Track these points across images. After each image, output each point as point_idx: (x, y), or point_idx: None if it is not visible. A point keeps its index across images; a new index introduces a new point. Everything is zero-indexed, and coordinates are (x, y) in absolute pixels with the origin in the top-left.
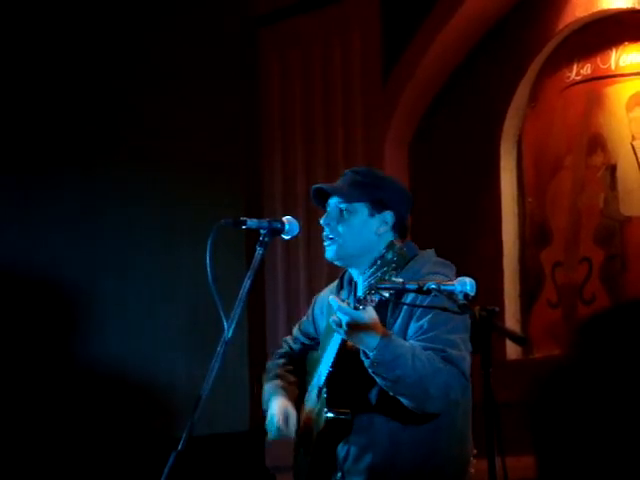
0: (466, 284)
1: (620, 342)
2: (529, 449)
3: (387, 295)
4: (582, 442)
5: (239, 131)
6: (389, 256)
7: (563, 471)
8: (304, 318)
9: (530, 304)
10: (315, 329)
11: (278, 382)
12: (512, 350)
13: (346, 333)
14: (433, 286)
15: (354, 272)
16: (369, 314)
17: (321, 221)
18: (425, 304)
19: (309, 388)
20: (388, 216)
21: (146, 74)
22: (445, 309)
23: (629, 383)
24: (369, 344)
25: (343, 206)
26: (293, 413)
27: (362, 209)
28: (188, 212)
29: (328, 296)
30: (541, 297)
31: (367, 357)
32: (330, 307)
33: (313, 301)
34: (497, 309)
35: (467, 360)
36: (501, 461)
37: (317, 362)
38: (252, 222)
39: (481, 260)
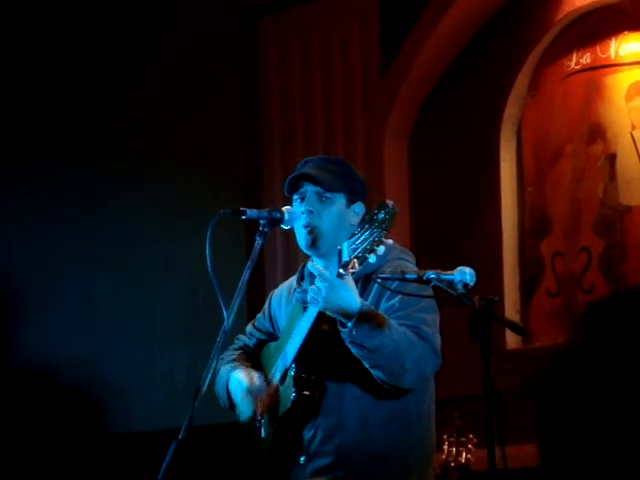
0: (466, 274)
1: (622, 329)
2: (529, 438)
3: (373, 260)
4: (585, 428)
5: (238, 121)
6: (381, 216)
7: (566, 457)
8: (259, 315)
9: (530, 294)
10: (272, 324)
11: (235, 364)
12: (512, 339)
13: (325, 301)
14: (433, 276)
15: (320, 263)
16: (349, 282)
17: (301, 208)
18: (393, 287)
19: (271, 371)
20: (359, 208)
21: (145, 63)
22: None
23: (631, 369)
24: (348, 311)
25: (325, 194)
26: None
27: (340, 199)
28: (187, 202)
29: (285, 291)
30: (541, 287)
31: (344, 327)
32: (287, 300)
33: (269, 298)
34: (497, 298)
35: (439, 338)
36: (501, 450)
37: (278, 349)
38: (252, 212)
39: (481, 250)
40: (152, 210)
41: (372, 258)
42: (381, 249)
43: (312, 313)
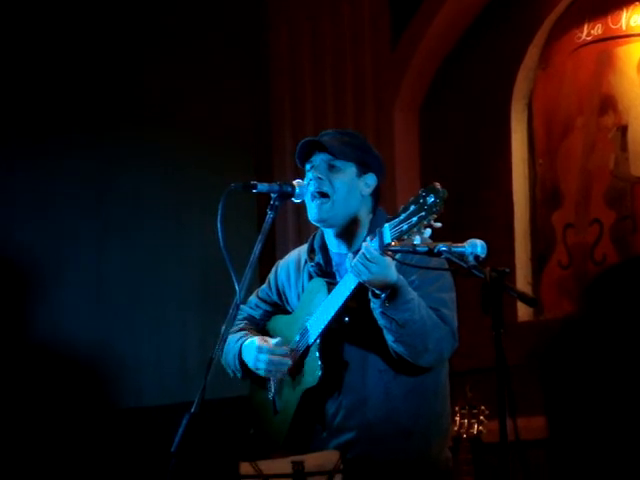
0: (477, 246)
1: (628, 296)
2: (540, 410)
3: (419, 242)
4: (591, 396)
5: (249, 98)
6: (430, 199)
7: (573, 425)
8: (263, 286)
9: (541, 266)
10: (279, 295)
11: (243, 332)
12: (523, 312)
13: (366, 275)
14: (444, 248)
15: (329, 233)
16: (389, 259)
17: (309, 175)
18: (414, 262)
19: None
20: (371, 179)
21: (156, 40)
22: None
23: (637, 335)
24: (386, 283)
25: (334, 162)
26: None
27: (351, 168)
28: (198, 179)
29: (293, 263)
30: (552, 259)
31: (377, 297)
32: (296, 272)
33: (275, 268)
34: (508, 270)
35: (456, 319)
36: (512, 422)
37: (291, 323)
38: (262, 186)
39: (492, 222)
40: (163, 187)
41: (417, 240)
42: (428, 232)
43: (346, 290)
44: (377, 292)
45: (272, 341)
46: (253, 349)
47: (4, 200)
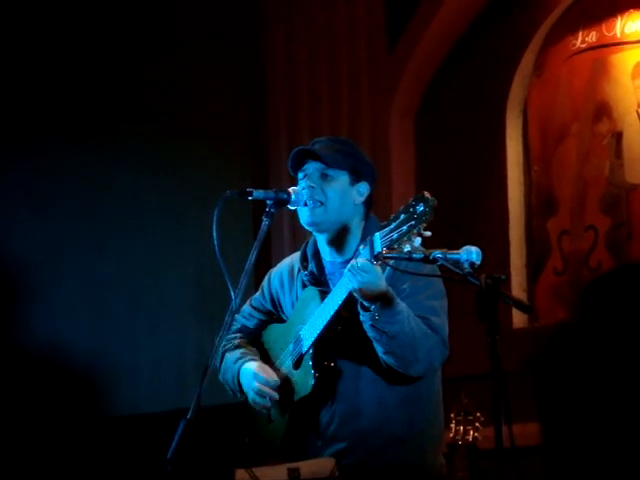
0: (472, 253)
1: (623, 303)
2: (535, 416)
3: (408, 249)
4: (585, 403)
5: (245, 103)
6: (420, 208)
7: (567, 432)
8: (256, 295)
9: (536, 272)
10: (273, 304)
11: (242, 351)
12: (518, 319)
13: (357, 284)
14: (439, 255)
15: (322, 241)
16: (379, 268)
17: (302, 183)
18: (409, 269)
19: (280, 356)
20: (363, 187)
21: (156, 41)
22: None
23: (631, 341)
24: (375, 294)
25: (327, 171)
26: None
27: (343, 176)
28: (195, 185)
29: (286, 271)
30: (547, 265)
31: (366, 310)
32: (290, 280)
33: (268, 277)
34: (504, 277)
35: (447, 328)
36: (508, 428)
37: (286, 333)
38: (258, 193)
39: (487, 229)
40: (160, 193)
41: (407, 248)
42: (418, 240)
43: (338, 299)
44: (366, 305)
45: (271, 379)
46: (249, 374)
47: (3, 200)
